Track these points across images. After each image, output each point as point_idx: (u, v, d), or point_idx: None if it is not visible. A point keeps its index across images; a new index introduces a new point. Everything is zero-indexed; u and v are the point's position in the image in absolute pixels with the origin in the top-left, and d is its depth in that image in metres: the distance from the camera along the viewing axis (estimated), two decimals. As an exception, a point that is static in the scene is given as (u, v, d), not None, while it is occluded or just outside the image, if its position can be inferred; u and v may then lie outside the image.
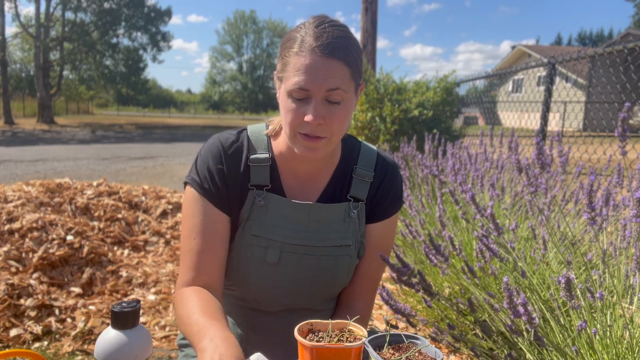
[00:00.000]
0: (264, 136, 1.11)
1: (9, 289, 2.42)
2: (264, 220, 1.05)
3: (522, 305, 1.03)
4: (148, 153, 12.38)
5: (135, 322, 0.78)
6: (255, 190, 1.06)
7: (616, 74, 4.00)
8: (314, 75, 0.91)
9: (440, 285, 2.31)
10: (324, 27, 0.94)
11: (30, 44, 30.89)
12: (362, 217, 1.11)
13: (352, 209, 1.09)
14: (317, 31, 0.93)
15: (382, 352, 0.81)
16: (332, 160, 1.12)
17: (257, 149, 1.08)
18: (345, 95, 0.95)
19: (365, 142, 1.20)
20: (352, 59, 0.95)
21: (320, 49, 0.91)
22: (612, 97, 4.98)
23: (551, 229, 1.57)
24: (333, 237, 1.07)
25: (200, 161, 1.07)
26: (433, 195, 3.01)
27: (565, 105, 12.83)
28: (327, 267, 1.07)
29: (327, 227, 1.07)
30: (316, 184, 1.11)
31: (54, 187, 3.99)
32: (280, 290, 1.08)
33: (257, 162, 1.06)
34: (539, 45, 35.92)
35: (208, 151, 1.07)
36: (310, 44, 0.92)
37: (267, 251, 1.05)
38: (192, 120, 40.41)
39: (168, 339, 2.31)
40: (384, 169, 1.14)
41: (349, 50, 0.94)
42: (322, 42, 0.92)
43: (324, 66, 0.91)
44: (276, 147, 1.10)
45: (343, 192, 1.11)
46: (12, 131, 19.13)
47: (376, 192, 1.13)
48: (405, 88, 6.38)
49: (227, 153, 1.06)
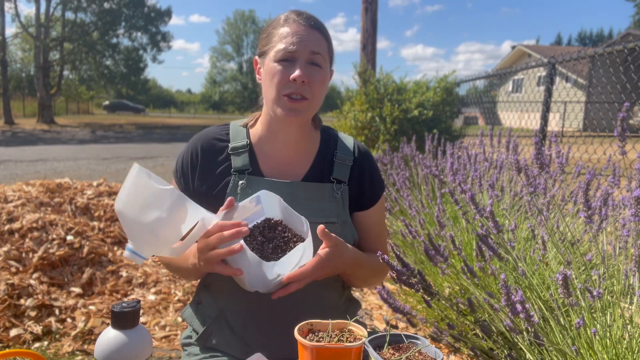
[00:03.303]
0: (241, 127, 1.22)
1: (9, 289, 2.42)
2: None
3: (519, 303, 1.03)
4: (148, 153, 12.38)
5: (135, 322, 0.78)
6: (238, 175, 1.14)
7: (616, 74, 4.00)
8: (299, 38, 1.06)
9: (440, 285, 2.31)
10: (302, 10, 1.13)
11: (30, 44, 30.85)
12: (345, 199, 1.17)
13: (336, 190, 1.16)
14: (297, 11, 1.11)
15: (382, 352, 0.81)
16: (311, 146, 1.21)
17: (236, 139, 1.19)
18: (325, 63, 1.09)
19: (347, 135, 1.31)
20: (328, 36, 1.12)
21: (303, 20, 1.08)
22: (612, 97, 4.98)
23: (550, 229, 1.57)
24: (318, 215, 1.12)
25: (180, 154, 1.21)
26: (433, 195, 3.01)
27: (565, 105, 12.83)
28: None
29: (312, 205, 1.13)
30: (297, 167, 1.18)
31: (54, 187, 3.99)
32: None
33: (236, 150, 1.16)
34: (539, 45, 35.92)
35: (189, 144, 1.20)
36: (294, 18, 1.09)
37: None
38: (192, 120, 40.43)
39: (168, 339, 2.32)
40: (361, 154, 1.24)
41: (325, 29, 1.12)
42: (304, 16, 1.09)
43: (308, 33, 1.07)
44: (254, 135, 1.20)
45: (325, 174, 1.18)
46: (12, 131, 19.13)
47: (358, 175, 1.21)
48: (406, 88, 6.38)
49: (205, 145, 1.18)
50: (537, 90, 16.53)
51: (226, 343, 1.15)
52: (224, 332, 1.16)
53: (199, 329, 1.19)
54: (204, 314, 1.20)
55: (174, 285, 2.91)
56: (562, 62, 4.08)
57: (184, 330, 1.32)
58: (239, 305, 1.15)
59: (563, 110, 12.84)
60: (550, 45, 37.45)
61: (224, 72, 61.10)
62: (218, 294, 1.18)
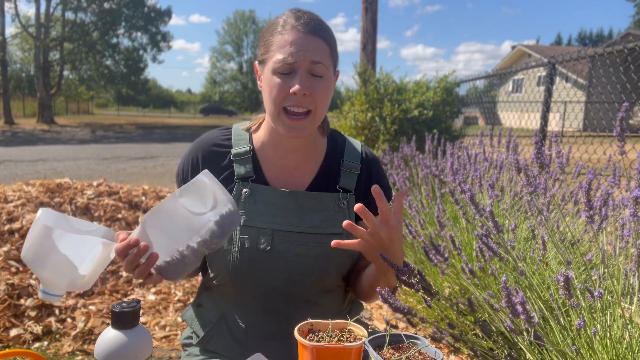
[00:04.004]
0: (245, 132, 1.17)
1: (9, 289, 2.42)
2: (252, 210, 1.08)
3: (520, 304, 1.03)
4: (148, 153, 12.38)
5: (135, 322, 0.78)
6: (241, 183, 1.10)
7: (616, 74, 4.00)
8: (297, 48, 0.99)
9: (440, 285, 2.31)
10: (302, 11, 1.05)
11: (30, 44, 30.89)
12: (351, 209, 1.13)
13: (342, 200, 1.12)
14: (297, 14, 1.03)
15: (382, 352, 0.81)
16: (317, 153, 1.16)
17: (239, 144, 1.14)
18: (327, 71, 1.02)
19: (349, 137, 1.25)
20: (330, 39, 1.04)
21: (302, 26, 1.00)
22: (612, 97, 4.98)
23: (550, 229, 1.57)
24: (323, 225, 1.09)
25: (182, 158, 1.18)
26: (433, 195, 3.00)
27: (565, 105, 12.82)
28: (317, 255, 1.09)
29: (317, 215, 1.10)
30: (302, 175, 1.14)
31: (54, 187, 3.99)
32: (272, 278, 1.09)
33: (239, 156, 1.12)
34: (539, 45, 35.91)
35: (189, 149, 1.16)
36: (292, 23, 1.01)
37: (258, 239, 1.07)
38: (192, 120, 40.41)
39: (168, 339, 2.32)
40: (369, 161, 1.19)
41: (327, 32, 1.04)
42: (303, 21, 1.01)
43: (307, 41, 0.99)
44: (257, 141, 1.15)
45: (331, 183, 1.14)
46: (12, 131, 19.13)
47: (364, 184, 1.16)
48: (405, 88, 6.38)
49: (206, 151, 1.14)
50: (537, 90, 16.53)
51: (227, 348, 1.14)
52: (224, 337, 1.15)
53: (199, 331, 1.19)
54: (205, 317, 1.20)
55: (173, 285, 2.91)
56: (562, 62, 4.08)
57: (184, 330, 1.31)
58: (241, 310, 1.14)
59: (563, 110, 12.84)
60: (550, 45, 37.45)
61: (224, 72, 61.15)
62: (219, 298, 1.17)
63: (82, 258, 0.89)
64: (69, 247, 0.87)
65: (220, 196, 0.87)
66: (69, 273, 0.88)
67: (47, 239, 0.86)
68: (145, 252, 0.85)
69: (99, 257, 0.89)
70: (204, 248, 0.88)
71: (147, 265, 0.86)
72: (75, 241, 0.88)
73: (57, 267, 0.88)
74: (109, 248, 0.88)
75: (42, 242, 0.87)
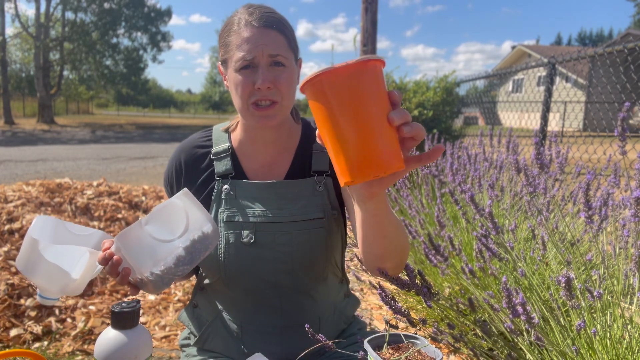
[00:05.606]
0: (223, 132, 1.20)
1: (9, 289, 2.42)
2: (234, 205, 1.10)
3: (520, 305, 1.03)
4: (148, 153, 12.38)
5: (135, 322, 0.78)
6: (221, 180, 1.13)
7: (616, 74, 4.00)
8: (254, 44, 1.00)
9: (440, 286, 2.31)
10: (254, 6, 1.07)
11: (30, 44, 30.88)
12: (330, 189, 1.14)
13: (318, 183, 1.14)
14: (249, 10, 1.05)
15: (381, 352, 0.81)
16: (291, 143, 1.18)
17: (218, 143, 1.18)
18: (287, 61, 1.04)
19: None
20: (286, 30, 1.05)
21: (256, 21, 1.02)
22: (612, 97, 4.98)
23: (550, 229, 1.57)
24: (304, 211, 1.10)
25: (167, 163, 1.21)
26: (433, 195, 3.00)
27: (565, 105, 12.83)
28: (302, 241, 1.09)
29: (296, 203, 1.11)
30: (280, 166, 1.16)
31: (54, 187, 3.99)
32: (260, 270, 1.09)
33: (218, 155, 1.16)
34: (539, 45, 35.91)
35: (173, 154, 1.20)
36: (246, 20, 1.03)
37: (242, 234, 1.08)
38: (192, 120, 40.43)
39: (168, 339, 2.32)
40: None
41: (281, 23, 1.05)
42: (256, 16, 1.03)
43: (262, 35, 1.01)
44: (235, 139, 1.18)
45: (306, 168, 1.16)
46: (12, 131, 19.13)
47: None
48: (406, 88, 6.38)
49: (188, 154, 1.17)
50: (537, 90, 16.53)
51: (224, 346, 1.16)
52: (221, 336, 1.16)
53: (196, 332, 1.20)
54: (201, 317, 1.21)
55: (173, 285, 2.91)
56: (562, 62, 4.08)
57: (182, 331, 1.32)
58: (235, 307, 1.15)
59: (563, 110, 12.85)
60: (550, 45, 37.44)
61: (224, 72, 61.06)
62: (213, 297, 1.18)
63: (73, 265, 0.92)
64: (57, 256, 0.90)
65: (196, 218, 0.87)
66: (60, 280, 0.91)
67: (33, 251, 0.89)
68: (119, 265, 0.87)
69: (87, 264, 0.91)
70: (169, 275, 0.87)
71: (122, 277, 0.87)
72: (63, 250, 0.91)
73: (48, 275, 0.91)
74: (95, 256, 0.90)
75: (30, 253, 0.90)
